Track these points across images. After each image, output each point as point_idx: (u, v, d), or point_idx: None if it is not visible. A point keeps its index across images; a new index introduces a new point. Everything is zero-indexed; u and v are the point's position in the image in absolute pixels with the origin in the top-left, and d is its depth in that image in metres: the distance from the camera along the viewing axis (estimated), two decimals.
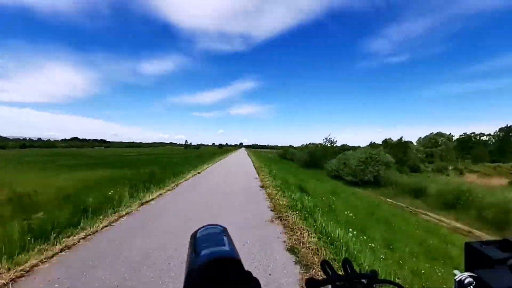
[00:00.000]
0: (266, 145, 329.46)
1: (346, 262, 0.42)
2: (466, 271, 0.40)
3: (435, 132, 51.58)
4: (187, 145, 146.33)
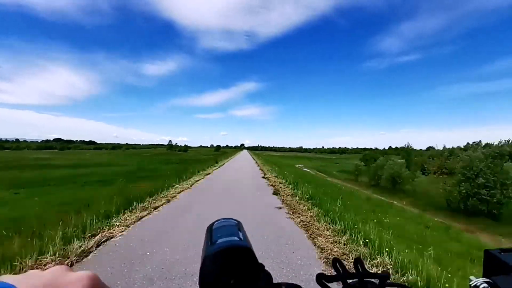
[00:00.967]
0: (272, 146, 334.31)
1: (357, 261, 0.41)
2: (484, 277, 0.40)
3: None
4: (172, 145, 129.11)
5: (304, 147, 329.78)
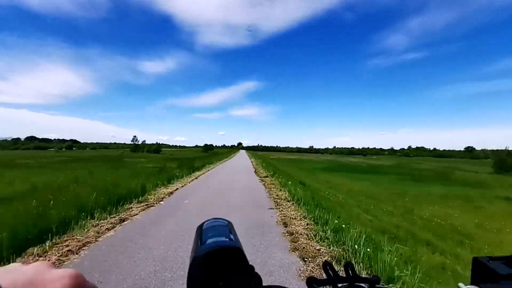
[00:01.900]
0: (275, 146, 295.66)
1: (348, 265, 0.43)
2: (472, 284, 0.42)
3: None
4: (138, 145, 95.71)
5: (315, 146, 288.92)
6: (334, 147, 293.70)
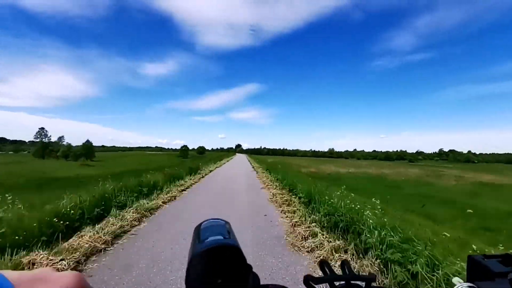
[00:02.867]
0: (283, 149, 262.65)
1: (344, 264, 0.45)
2: (467, 282, 0.43)
3: None
4: (47, 144, 61.30)
5: (336, 149, 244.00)
6: (354, 149, 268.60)
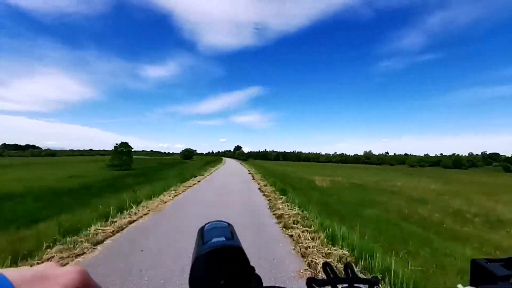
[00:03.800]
0: (297, 152, 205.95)
1: (348, 266, 0.45)
2: (471, 286, 0.44)
3: None
4: None
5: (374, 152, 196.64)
6: (397, 153, 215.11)
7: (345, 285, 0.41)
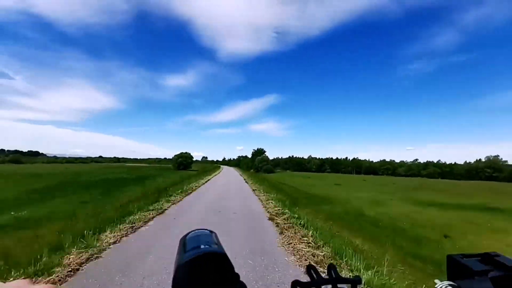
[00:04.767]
0: (347, 159, 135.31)
1: (331, 267, 0.46)
2: (448, 280, 0.46)
3: None
4: None
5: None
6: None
7: (329, 285, 0.40)
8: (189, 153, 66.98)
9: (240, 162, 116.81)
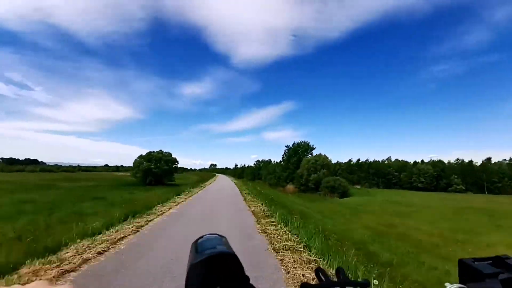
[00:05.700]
0: (380, 163, 72.35)
1: (339, 270, 0.47)
2: (459, 284, 0.47)
3: None
4: None
5: None
6: None
7: None
8: (168, 153, 33.99)
9: (253, 171, 75.70)
